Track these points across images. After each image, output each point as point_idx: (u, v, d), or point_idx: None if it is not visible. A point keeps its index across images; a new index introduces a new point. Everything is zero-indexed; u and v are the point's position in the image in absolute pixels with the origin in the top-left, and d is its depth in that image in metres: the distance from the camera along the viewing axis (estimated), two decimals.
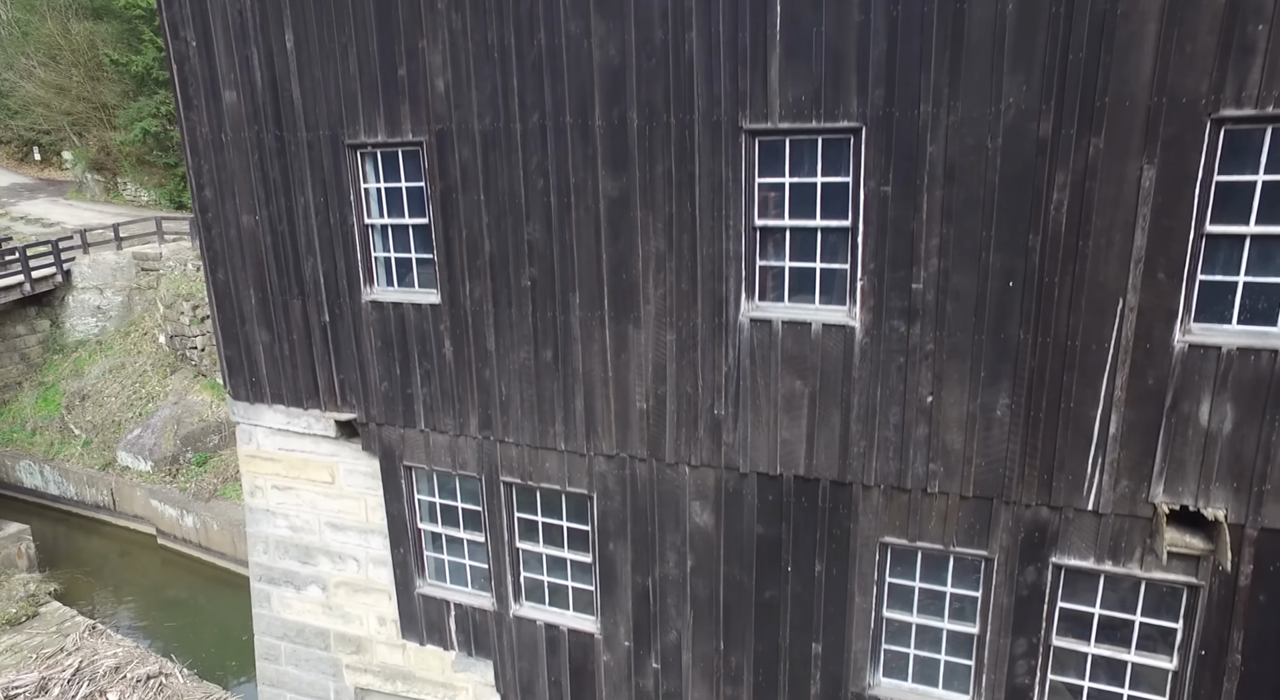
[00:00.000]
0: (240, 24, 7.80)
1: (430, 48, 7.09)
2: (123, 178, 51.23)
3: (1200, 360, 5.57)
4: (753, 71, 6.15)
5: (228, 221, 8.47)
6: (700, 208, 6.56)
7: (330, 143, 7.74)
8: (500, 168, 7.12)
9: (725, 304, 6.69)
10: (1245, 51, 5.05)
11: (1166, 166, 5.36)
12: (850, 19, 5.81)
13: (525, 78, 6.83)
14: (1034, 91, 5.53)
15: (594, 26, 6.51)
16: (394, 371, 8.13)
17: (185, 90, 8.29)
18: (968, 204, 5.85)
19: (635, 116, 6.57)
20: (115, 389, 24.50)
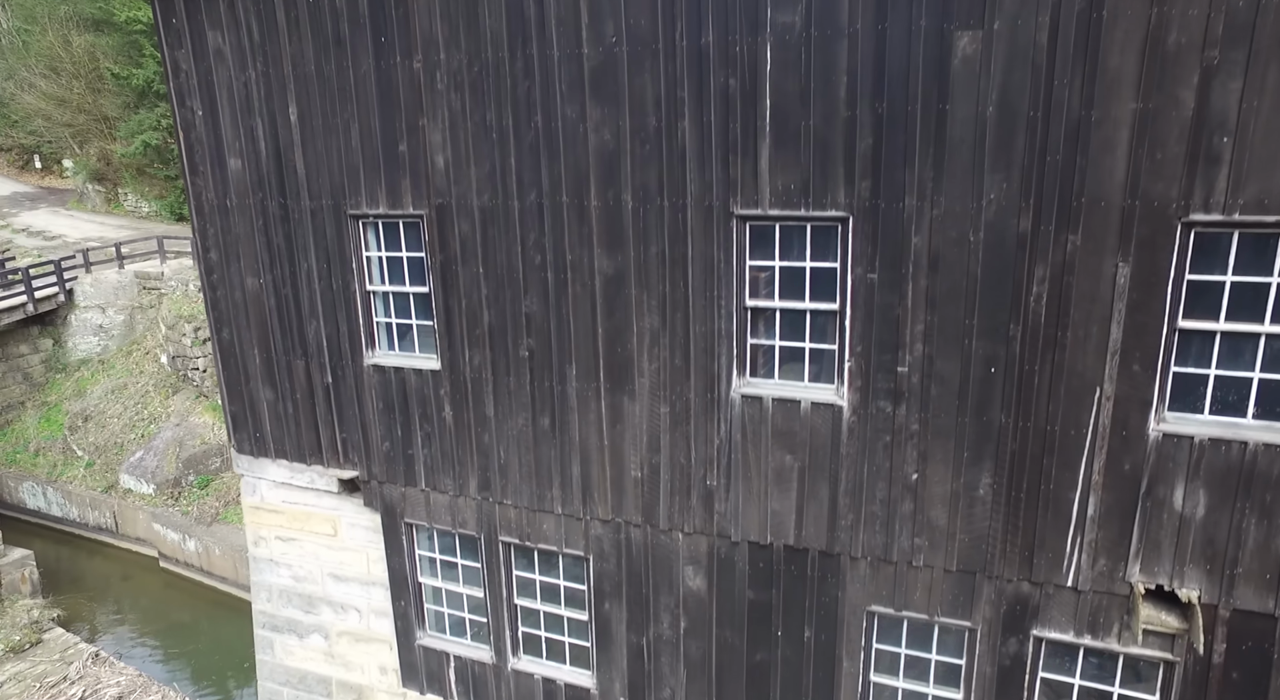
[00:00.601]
0: (245, 96, 8.00)
1: (430, 126, 7.29)
2: (123, 188, 51.38)
3: (1174, 448, 5.78)
4: (743, 160, 6.35)
5: (232, 283, 8.67)
6: (693, 287, 6.76)
7: (333, 212, 7.94)
8: (499, 242, 7.32)
9: (718, 380, 6.89)
10: (1211, 162, 5.26)
11: (1140, 265, 5.56)
12: (837, 114, 6.01)
13: (523, 158, 7.03)
14: (1014, 189, 5.73)
15: (589, 111, 6.71)
16: (395, 432, 8.33)
17: (191, 156, 8.49)
18: (951, 293, 6.05)
19: (630, 199, 6.77)
20: (118, 410, 24.69)
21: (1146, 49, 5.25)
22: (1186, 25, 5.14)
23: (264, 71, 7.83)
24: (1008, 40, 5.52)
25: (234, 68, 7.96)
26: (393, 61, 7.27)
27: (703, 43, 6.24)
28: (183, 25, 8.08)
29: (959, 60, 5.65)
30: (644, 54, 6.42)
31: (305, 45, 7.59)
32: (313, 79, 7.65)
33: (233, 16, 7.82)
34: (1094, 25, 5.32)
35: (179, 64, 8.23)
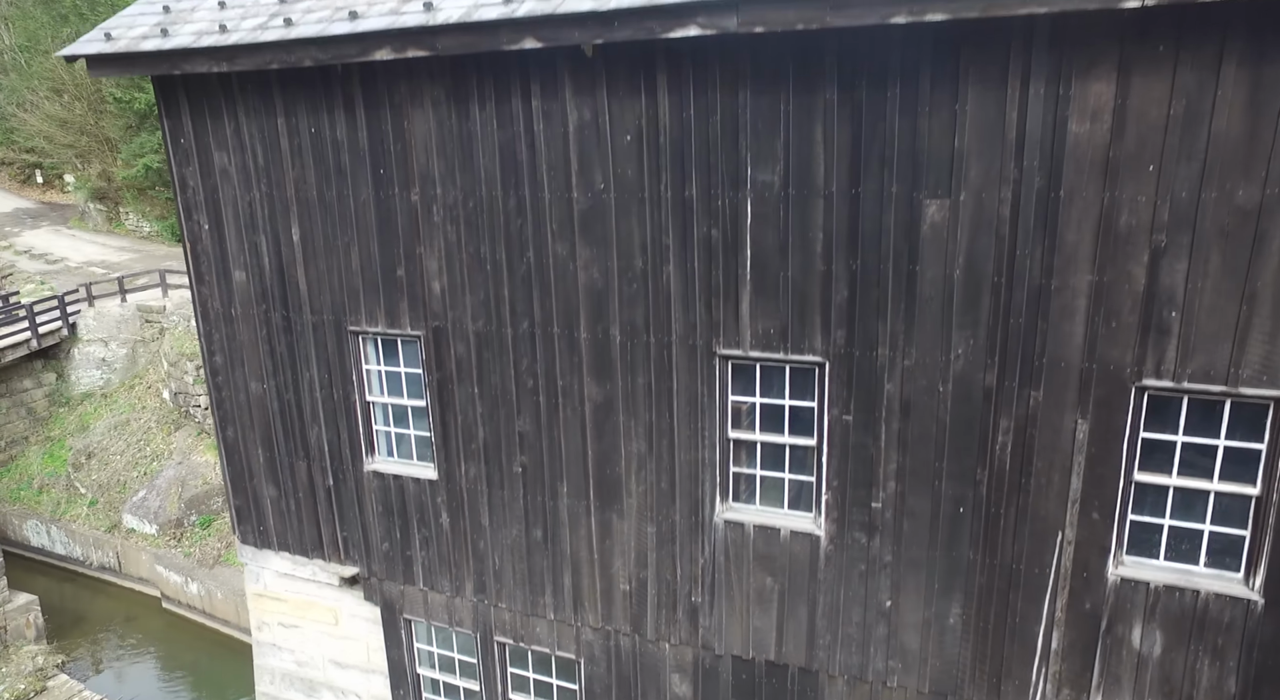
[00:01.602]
0: (250, 214, 8.32)
1: (427, 253, 7.61)
2: (125, 207, 51.67)
3: (1132, 592, 6.10)
4: (725, 304, 6.68)
5: (237, 386, 8.99)
6: (678, 418, 7.08)
7: (334, 327, 8.26)
8: (493, 365, 7.65)
9: (701, 504, 7.21)
10: (1162, 333, 5.58)
11: (1098, 422, 5.88)
12: (814, 267, 6.34)
13: (515, 289, 7.36)
14: (980, 346, 6.06)
15: (579, 251, 7.04)
16: (394, 534, 8.65)
17: (197, 266, 8.81)
18: (922, 437, 6.37)
19: (618, 333, 7.09)
20: (120, 447, 25.00)
21: (1101, 227, 5.58)
22: (1136, 210, 5.47)
23: (268, 193, 8.16)
24: (973, 210, 5.85)
25: (239, 187, 8.29)
26: (391, 192, 7.60)
27: (686, 195, 6.57)
28: (190, 145, 8.40)
29: (928, 225, 5.98)
30: (631, 202, 6.74)
31: (307, 171, 7.91)
32: (315, 203, 7.97)
33: (238, 140, 8.14)
34: (1052, 203, 5.65)
35: (186, 180, 8.56)
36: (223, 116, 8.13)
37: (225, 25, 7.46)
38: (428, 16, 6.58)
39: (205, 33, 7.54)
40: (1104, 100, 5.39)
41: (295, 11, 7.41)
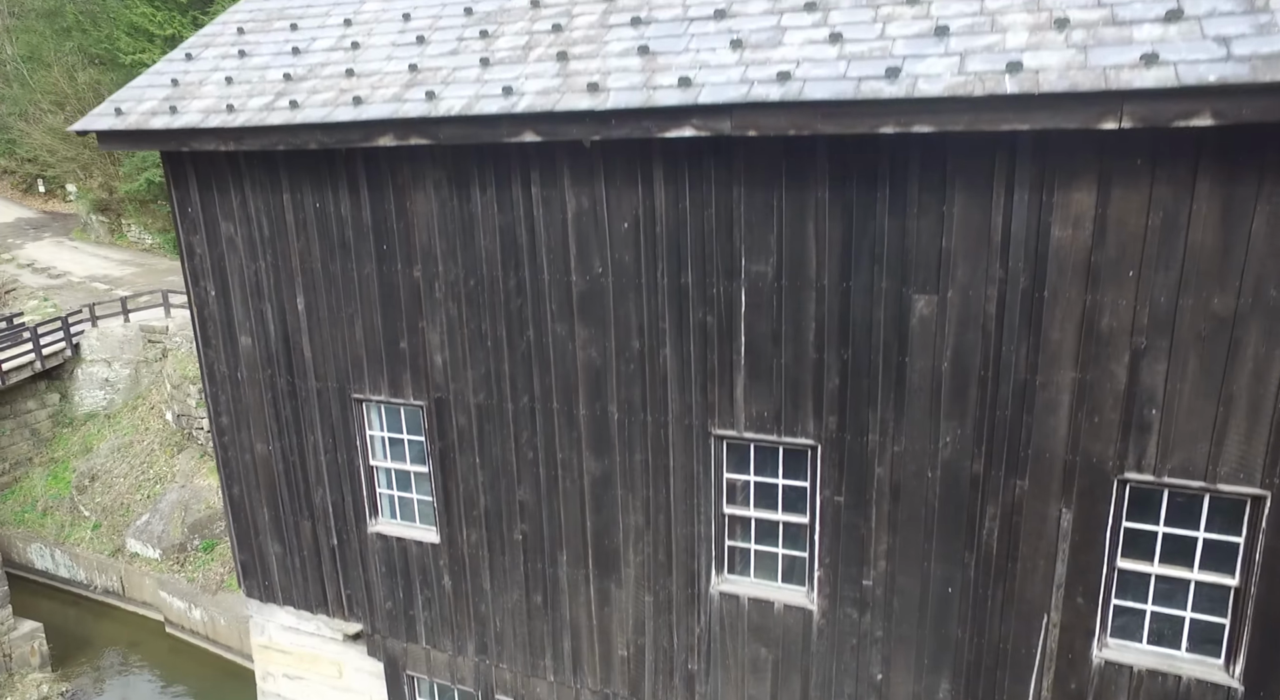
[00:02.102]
0: (255, 282, 8.50)
1: (429, 328, 7.79)
2: (127, 219, 51.84)
3: (1116, 674, 6.27)
4: (720, 387, 6.86)
5: (243, 446, 9.17)
6: (675, 493, 7.26)
7: (338, 393, 8.44)
8: (494, 437, 7.82)
9: (697, 576, 7.39)
10: (1143, 430, 5.75)
11: (1081, 511, 6.06)
12: (806, 355, 6.52)
13: (516, 365, 7.54)
14: (967, 435, 6.23)
15: (578, 331, 7.21)
16: (397, 594, 8.82)
17: (204, 330, 8.99)
18: (911, 519, 6.55)
19: (615, 411, 7.27)
20: (124, 469, 25.19)
21: (1083, 328, 5.75)
22: (1117, 312, 5.64)
23: (273, 263, 8.34)
24: (960, 307, 6.02)
25: (245, 257, 8.47)
26: (394, 268, 7.78)
27: (682, 282, 6.75)
28: (197, 215, 8.58)
29: (917, 319, 6.16)
30: (628, 286, 6.92)
31: (312, 244, 8.09)
32: (319, 275, 8.15)
33: (244, 212, 8.32)
34: (1036, 302, 5.83)
35: (194, 248, 8.74)
36: (229, 189, 8.31)
37: (232, 105, 7.64)
38: (430, 106, 6.77)
39: (213, 111, 7.72)
40: (1085, 208, 5.57)
41: (300, 91, 7.59)
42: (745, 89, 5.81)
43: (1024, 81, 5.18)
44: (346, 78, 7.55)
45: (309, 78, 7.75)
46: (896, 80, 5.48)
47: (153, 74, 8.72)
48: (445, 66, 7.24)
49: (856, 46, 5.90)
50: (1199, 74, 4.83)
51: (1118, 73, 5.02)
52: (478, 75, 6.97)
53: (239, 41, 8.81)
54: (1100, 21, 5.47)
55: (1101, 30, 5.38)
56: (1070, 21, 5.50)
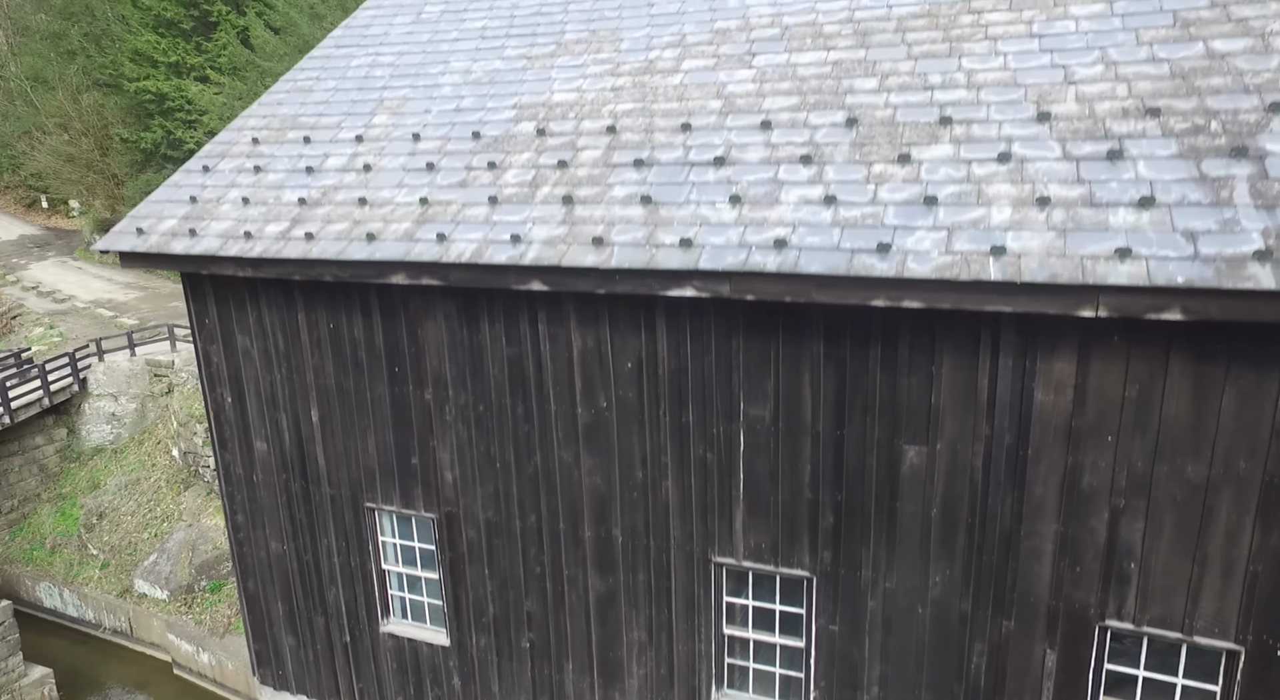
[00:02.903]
0: (271, 392, 8.80)
1: (440, 447, 8.09)
2: None
3: None
4: (719, 519, 7.15)
5: (258, 544, 9.46)
6: (676, 613, 7.56)
7: (351, 501, 8.73)
8: (503, 551, 8.12)
9: (698, 691, 7.68)
10: (1123, 581, 6.05)
11: (1065, 653, 6.35)
12: (802, 494, 6.81)
13: (524, 486, 7.83)
14: (956, 576, 6.52)
15: (583, 459, 7.51)
16: (409, 690, 9.12)
17: (220, 433, 9.29)
18: (903, 650, 6.84)
19: (620, 534, 7.57)
20: (131, 506, 25.48)
21: (1065, 485, 6.05)
22: (1096, 473, 5.94)
23: (288, 376, 8.64)
24: (948, 459, 6.32)
25: (260, 368, 8.77)
26: (406, 389, 8.08)
27: (683, 420, 7.04)
28: (214, 326, 8.88)
29: (907, 467, 6.45)
30: (631, 421, 7.22)
31: (326, 361, 8.39)
32: (333, 390, 8.45)
33: (260, 327, 8.62)
34: (1020, 459, 6.12)
35: (210, 356, 9.03)
36: (246, 305, 8.61)
37: (250, 232, 7.95)
38: (441, 250, 7.07)
39: (230, 236, 8.02)
40: (1066, 377, 5.86)
41: (314, 219, 7.89)
42: (743, 256, 6.11)
43: (1007, 267, 5.48)
44: (359, 207, 7.85)
45: (323, 203, 8.05)
46: (887, 256, 5.78)
47: (171, 187, 9.02)
48: (455, 201, 7.54)
49: (850, 211, 6.20)
50: (1169, 274, 5.13)
51: (1094, 264, 5.32)
52: (486, 215, 7.27)
53: (254, 153, 9.12)
54: (1079, 201, 5.77)
55: (1080, 212, 5.68)
56: (1051, 200, 5.80)
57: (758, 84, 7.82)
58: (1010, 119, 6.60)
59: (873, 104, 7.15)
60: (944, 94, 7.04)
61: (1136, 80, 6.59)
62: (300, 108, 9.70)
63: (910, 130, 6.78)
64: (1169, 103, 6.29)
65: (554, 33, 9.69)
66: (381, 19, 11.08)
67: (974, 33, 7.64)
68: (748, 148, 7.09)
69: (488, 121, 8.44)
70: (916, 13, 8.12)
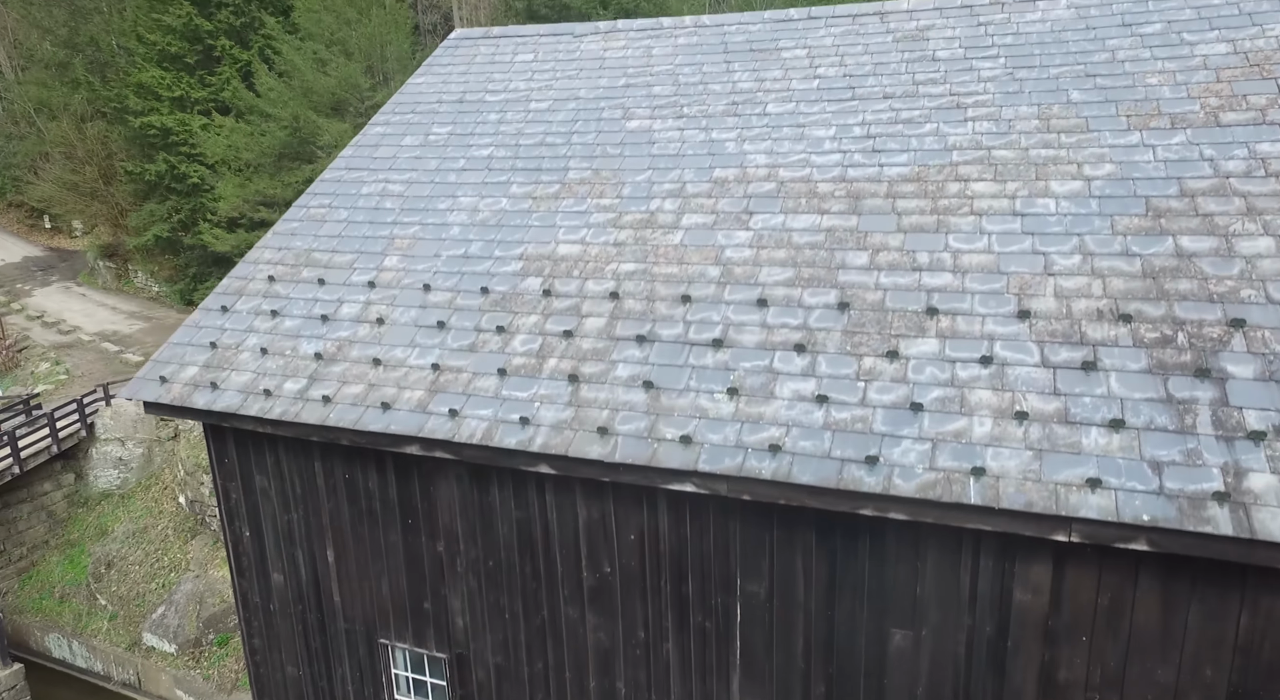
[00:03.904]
0: (288, 530, 9.18)
1: (451, 595, 8.47)
2: (134, 265, 52.49)
3: None
4: (718, 681, 7.53)
5: (274, 666, 9.84)
6: None
7: (364, 636, 9.11)
8: (512, 693, 8.50)
9: None
10: None
11: None
12: (795, 665, 7.19)
13: (531, 637, 8.21)
14: None
15: (588, 617, 7.89)
16: None
17: (239, 562, 9.67)
18: None
19: (623, 687, 7.95)
20: (139, 556, 25.86)
21: (1041, 677, 6.43)
22: (1072, 668, 6.32)
23: (304, 517, 9.02)
24: (933, 644, 6.70)
25: (278, 507, 9.15)
26: (419, 539, 8.46)
27: (683, 591, 7.43)
28: (233, 465, 9.27)
29: (894, 648, 6.83)
30: (634, 587, 7.60)
31: (341, 507, 8.77)
32: (348, 534, 8.83)
33: (278, 471, 9.01)
34: (1000, 649, 6.51)
35: (229, 492, 9.42)
36: (264, 451, 8.99)
37: (269, 389, 8.33)
38: (453, 427, 7.45)
39: (250, 391, 8.41)
40: (1043, 580, 6.25)
41: (330, 378, 8.27)
42: (740, 459, 6.49)
43: (986, 490, 5.87)
44: (374, 367, 8.24)
45: (338, 358, 8.44)
46: (875, 469, 6.17)
47: (191, 328, 9.41)
48: (466, 369, 7.92)
49: (841, 412, 6.59)
50: (1135, 510, 5.52)
51: (1067, 493, 5.71)
52: (496, 389, 7.65)
53: (270, 292, 9.51)
54: (1055, 417, 6.16)
55: (1055, 430, 6.07)
56: (1029, 415, 6.19)
57: (754, 250, 8.21)
58: (993, 313, 6.99)
59: (863, 284, 7.54)
60: (931, 277, 7.43)
61: (1111, 277, 6.99)
62: (313, 241, 10.09)
63: (899, 319, 7.17)
64: (1140, 308, 6.68)
65: (558, 168, 10.08)
66: (390, 139, 11.47)
67: (960, 204, 8.03)
68: (744, 328, 7.48)
69: (495, 274, 8.83)
70: (906, 175, 8.51)
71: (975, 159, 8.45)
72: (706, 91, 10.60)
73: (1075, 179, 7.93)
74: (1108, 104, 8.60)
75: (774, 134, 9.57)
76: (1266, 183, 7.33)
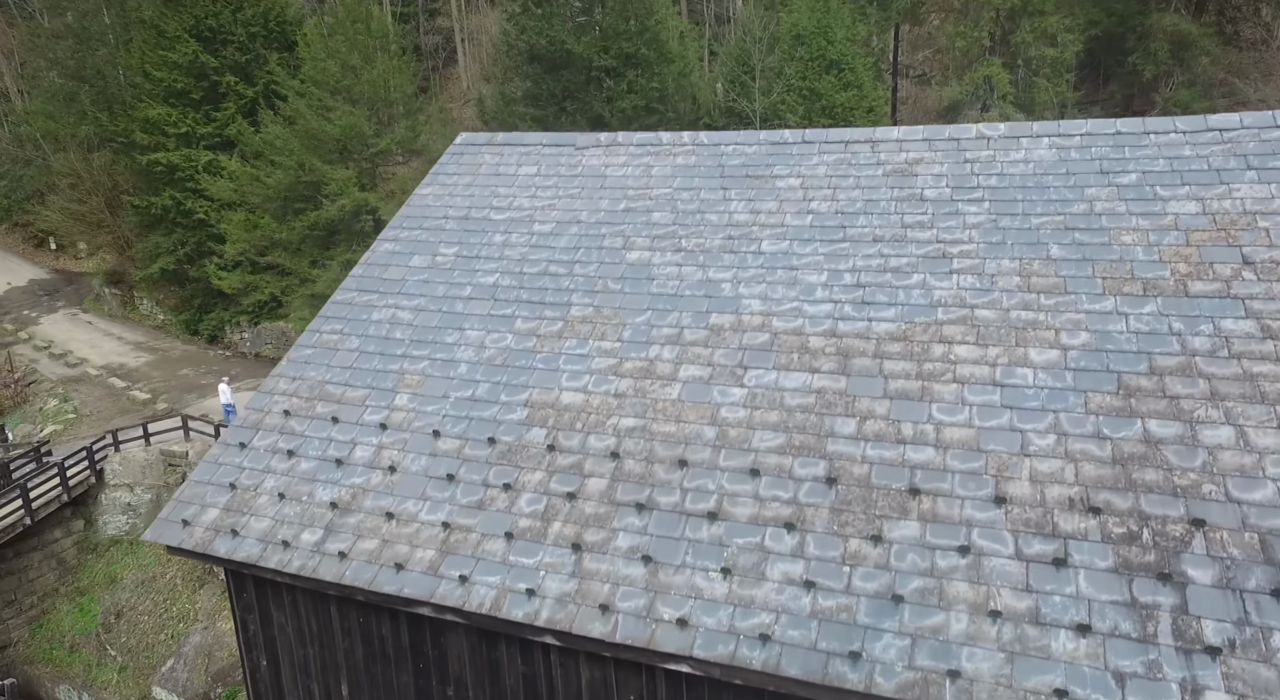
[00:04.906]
0: (304, 663, 9.62)
1: None
2: (139, 292, 52.98)
3: None
4: None
5: None
6: None
7: None
8: None
9: None
10: None
11: None
12: None
13: None
14: None
15: None
16: None
17: (255, 689, 10.11)
18: None
19: None
20: (148, 606, 26.31)
21: None
22: None
23: (319, 653, 9.46)
24: None
25: (294, 642, 9.59)
26: (430, 684, 8.90)
27: None
28: (252, 600, 9.71)
29: None
30: None
31: (356, 647, 9.21)
32: (362, 671, 9.27)
33: (295, 610, 9.45)
34: None
35: (248, 624, 9.86)
36: (282, 593, 9.44)
37: (287, 540, 8.78)
38: (463, 593, 7.90)
39: (269, 541, 8.86)
40: None
41: (346, 530, 8.72)
42: (732, 647, 6.94)
43: (960, 694, 6.30)
44: (387, 521, 8.68)
45: (353, 509, 8.89)
46: (858, 665, 6.61)
47: (211, 465, 9.86)
48: (475, 530, 8.36)
49: (827, 599, 7.03)
50: None
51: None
52: (504, 553, 8.10)
53: (285, 428, 9.97)
54: (1026, 615, 6.60)
55: (1027, 631, 6.51)
56: (1002, 613, 6.63)
57: (748, 411, 8.65)
58: (972, 496, 7.43)
59: (851, 456, 7.98)
60: (915, 452, 7.87)
61: (1083, 461, 7.43)
62: (326, 372, 10.54)
63: (883, 497, 7.61)
64: (1109, 499, 7.12)
65: (561, 302, 10.52)
66: (399, 257, 11.92)
67: (944, 370, 8.47)
68: (738, 500, 7.92)
69: (502, 422, 9.27)
70: (893, 332, 8.96)
71: (959, 318, 8.90)
72: (703, 222, 11.05)
73: (1053, 347, 8.37)
74: (1085, 263, 9.04)
75: (768, 276, 10.01)
76: (1229, 365, 7.78)
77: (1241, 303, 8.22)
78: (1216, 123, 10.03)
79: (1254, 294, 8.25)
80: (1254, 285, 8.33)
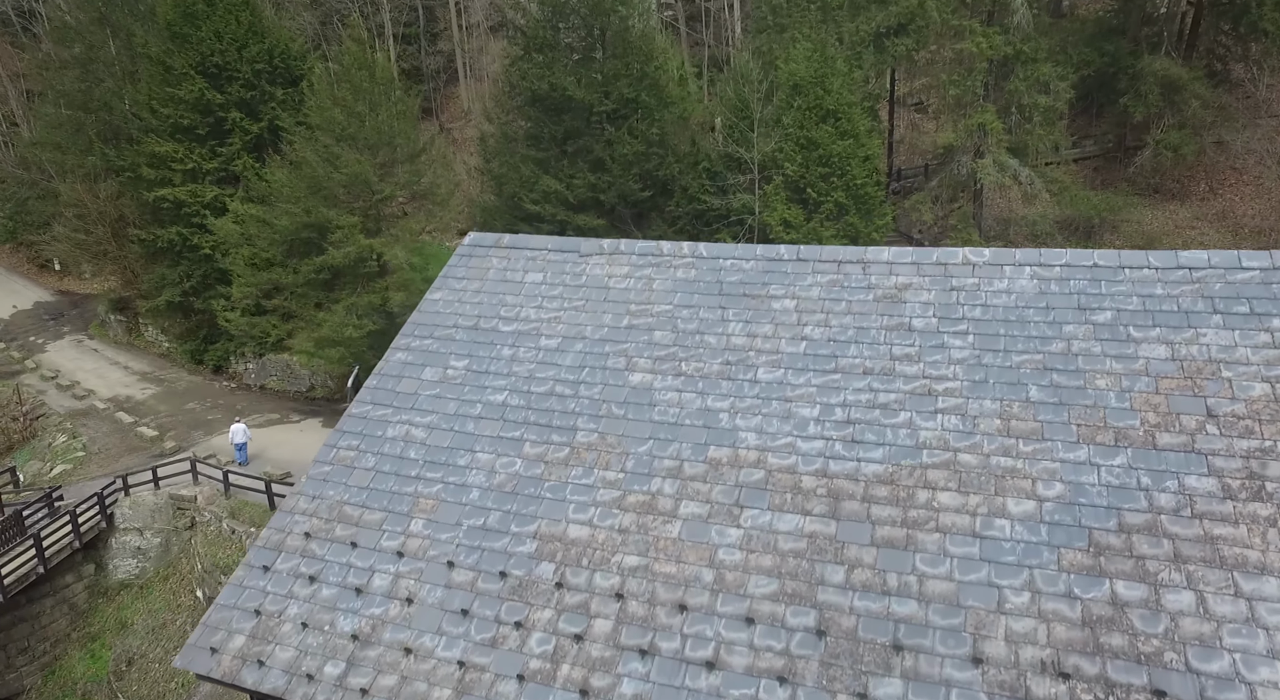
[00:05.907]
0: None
1: None
2: (144, 319, 53.53)
3: None
4: None
5: None
6: None
7: None
8: None
9: None
10: None
11: None
12: None
13: None
14: None
15: None
16: None
17: None
18: None
19: None
20: (159, 653, 26.87)
21: None
22: None
23: None
24: None
25: None
26: None
27: None
28: None
29: None
30: None
31: None
32: None
33: None
34: None
35: None
36: None
37: (310, 674, 9.35)
38: None
39: (293, 673, 9.43)
40: None
41: (366, 666, 9.29)
42: None
43: None
44: (405, 656, 9.25)
45: (373, 641, 9.45)
46: None
47: (236, 588, 10.42)
48: (489, 669, 8.93)
49: None
50: None
51: None
52: (515, 696, 8.67)
53: (306, 551, 10.53)
54: None
55: None
56: None
57: (744, 554, 9.23)
58: (951, 655, 8.00)
59: (840, 607, 8.55)
60: (899, 605, 8.44)
61: (1055, 622, 8.00)
62: (344, 492, 11.11)
63: (869, 652, 8.18)
64: (1078, 664, 7.69)
65: (567, 426, 11.08)
66: (412, 370, 12.48)
67: (927, 518, 9.04)
68: (734, 649, 8.49)
69: (512, 554, 9.84)
70: (880, 475, 9.53)
71: (943, 462, 9.47)
72: (702, 343, 11.62)
73: (1029, 498, 8.94)
74: (1061, 408, 9.62)
75: (764, 408, 10.59)
76: (1191, 525, 8.35)
77: (1205, 458, 8.80)
78: (1186, 261, 10.62)
79: (1216, 450, 8.83)
80: (1216, 440, 8.90)
